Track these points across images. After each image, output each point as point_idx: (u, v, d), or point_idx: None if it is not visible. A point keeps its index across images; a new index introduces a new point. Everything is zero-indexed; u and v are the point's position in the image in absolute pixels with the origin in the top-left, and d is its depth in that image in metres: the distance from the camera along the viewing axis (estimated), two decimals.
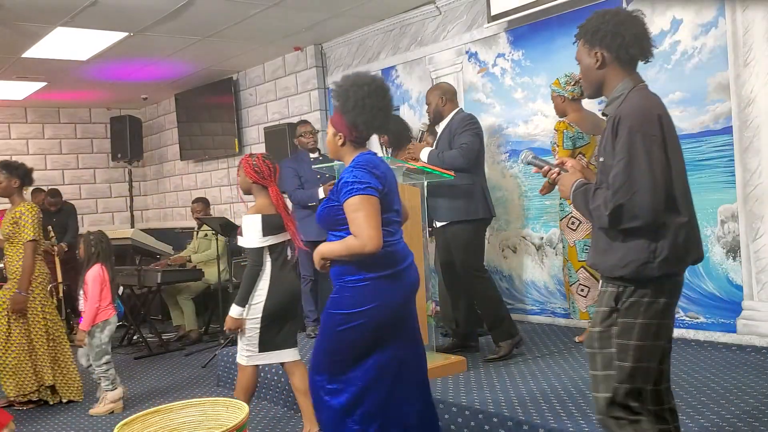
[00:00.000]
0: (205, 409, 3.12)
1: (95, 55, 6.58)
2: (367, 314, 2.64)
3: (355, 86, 2.73)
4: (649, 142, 2.03)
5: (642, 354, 2.07)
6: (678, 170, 2.08)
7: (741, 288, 4.07)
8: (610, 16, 2.17)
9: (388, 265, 2.67)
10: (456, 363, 3.94)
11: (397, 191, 2.82)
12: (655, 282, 2.05)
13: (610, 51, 2.16)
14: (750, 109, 3.96)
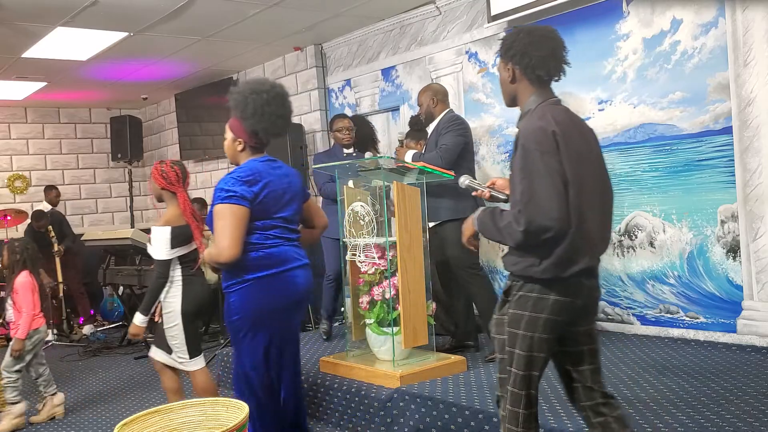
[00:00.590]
0: (205, 409, 3.11)
1: (95, 55, 6.58)
2: (252, 316, 2.80)
3: (254, 93, 2.81)
4: (547, 157, 2.13)
5: (531, 344, 2.20)
6: (576, 182, 2.16)
7: (741, 288, 4.07)
8: (523, 35, 2.28)
9: (263, 266, 2.80)
10: (456, 363, 3.95)
11: (296, 198, 2.94)
12: (542, 281, 2.18)
13: (520, 68, 2.29)
14: (750, 109, 3.96)
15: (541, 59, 2.26)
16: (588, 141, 2.30)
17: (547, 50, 2.27)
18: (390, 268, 3.89)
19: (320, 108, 6.96)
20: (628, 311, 4.64)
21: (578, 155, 2.19)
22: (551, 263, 2.16)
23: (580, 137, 2.26)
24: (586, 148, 2.26)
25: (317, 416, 4.06)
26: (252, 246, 2.80)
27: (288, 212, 2.90)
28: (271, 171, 2.88)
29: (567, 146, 2.17)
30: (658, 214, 4.44)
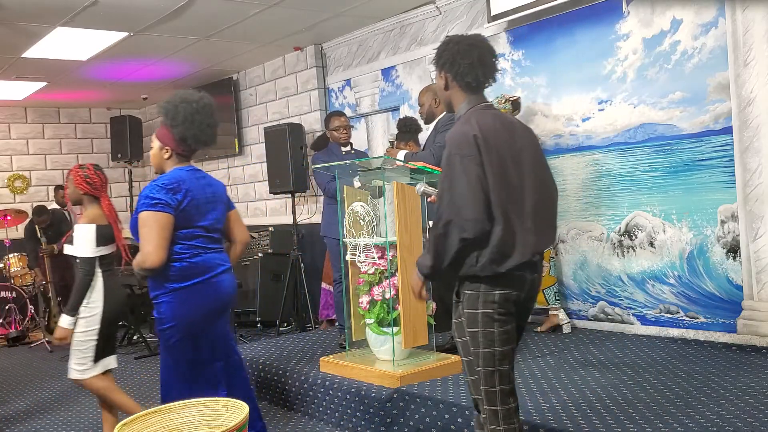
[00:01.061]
0: (205, 409, 3.11)
1: (95, 55, 6.58)
2: (182, 324, 2.85)
3: (184, 102, 2.91)
4: (466, 161, 2.25)
5: (492, 340, 2.30)
6: (500, 183, 2.28)
7: (741, 288, 4.07)
8: (452, 45, 2.42)
9: (188, 276, 2.86)
10: (456, 363, 3.94)
11: (219, 208, 3.01)
12: (485, 278, 2.30)
13: (451, 75, 2.43)
14: (750, 109, 3.96)
15: (469, 66, 2.38)
16: (519, 144, 2.39)
17: (473, 58, 2.38)
18: (390, 268, 3.90)
19: (320, 108, 6.96)
20: (628, 311, 4.64)
21: (503, 158, 2.31)
22: (487, 260, 2.28)
23: (509, 140, 2.36)
24: (515, 150, 2.36)
25: (317, 416, 4.06)
26: (176, 256, 2.86)
27: (209, 221, 2.98)
28: (194, 180, 2.95)
29: (489, 149, 2.28)
30: (658, 214, 4.44)
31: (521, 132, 2.44)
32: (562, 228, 5.00)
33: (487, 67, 2.41)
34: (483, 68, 2.40)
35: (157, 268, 2.80)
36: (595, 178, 4.78)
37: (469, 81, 2.41)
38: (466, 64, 2.38)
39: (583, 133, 4.82)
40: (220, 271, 2.99)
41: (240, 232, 3.22)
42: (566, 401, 3.26)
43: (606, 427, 2.86)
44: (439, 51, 2.47)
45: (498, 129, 2.35)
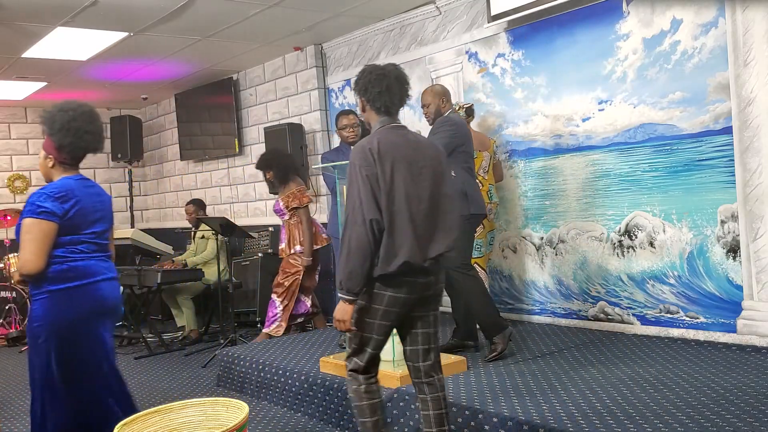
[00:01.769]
0: (205, 409, 3.12)
1: (95, 55, 6.58)
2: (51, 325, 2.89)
3: (61, 111, 2.97)
4: (363, 170, 2.64)
5: (372, 329, 2.73)
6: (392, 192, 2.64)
7: (741, 288, 4.07)
8: (366, 74, 2.82)
9: (66, 279, 2.91)
10: (456, 363, 3.94)
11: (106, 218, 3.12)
12: (378, 279, 2.67)
13: (365, 100, 2.83)
14: (750, 109, 3.96)
15: (378, 94, 2.77)
16: (420, 160, 2.75)
17: (382, 86, 2.77)
18: None
19: (320, 108, 6.96)
20: (628, 311, 4.64)
21: (397, 170, 2.66)
22: (379, 262, 2.63)
23: (410, 156, 2.72)
24: (415, 165, 2.72)
25: (317, 416, 4.06)
26: (57, 259, 2.91)
27: (97, 228, 3.06)
28: (83, 189, 3.03)
29: (384, 162, 2.65)
30: (658, 214, 4.44)
31: (425, 150, 2.79)
32: (562, 228, 5.00)
33: (393, 95, 2.79)
34: (390, 96, 2.78)
35: (35, 275, 2.87)
36: (595, 178, 4.78)
37: (379, 106, 2.80)
38: (376, 92, 2.77)
39: (583, 133, 4.82)
40: (101, 279, 3.04)
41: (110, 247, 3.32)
42: (566, 401, 3.26)
43: (606, 427, 2.86)
44: (356, 79, 2.86)
45: (399, 145, 2.72)
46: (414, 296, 2.71)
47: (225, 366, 4.93)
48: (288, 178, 5.70)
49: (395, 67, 2.83)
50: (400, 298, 2.68)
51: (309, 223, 5.60)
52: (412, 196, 2.68)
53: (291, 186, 5.69)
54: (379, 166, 2.64)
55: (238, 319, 6.86)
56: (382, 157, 2.66)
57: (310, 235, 5.58)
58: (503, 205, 5.35)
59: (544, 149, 5.08)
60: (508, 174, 5.31)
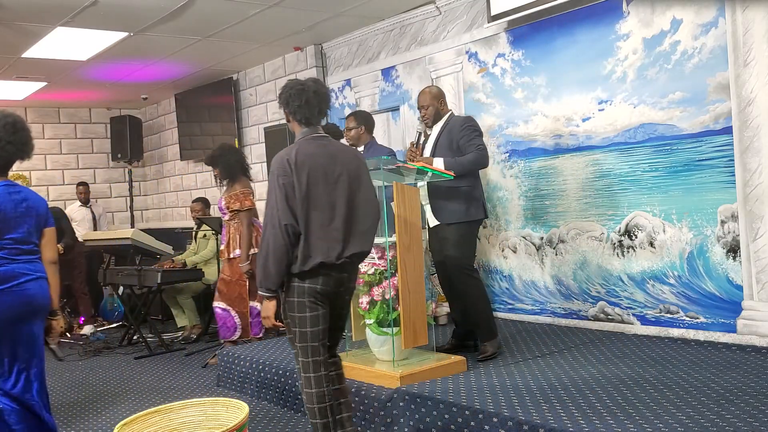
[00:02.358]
0: (205, 409, 3.12)
1: (95, 55, 6.58)
2: None
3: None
4: (281, 180, 2.92)
5: (304, 322, 2.96)
6: (307, 198, 2.93)
7: (741, 288, 4.07)
8: (287, 89, 3.08)
9: None
10: (456, 363, 3.95)
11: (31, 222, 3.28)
12: (297, 275, 2.94)
13: (288, 112, 3.09)
14: (750, 109, 3.96)
15: (298, 107, 3.04)
16: (338, 169, 3.01)
17: (302, 100, 3.02)
18: (390, 269, 3.90)
19: None
20: (628, 311, 4.64)
21: (316, 178, 2.95)
22: (298, 261, 2.93)
23: (327, 165, 2.99)
24: (332, 173, 2.99)
25: None
26: None
27: (19, 234, 3.20)
28: (6, 195, 3.22)
29: (300, 171, 2.92)
30: (658, 214, 4.44)
31: (343, 159, 3.06)
32: (562, 228, 5.00)
33: (312, 107, 3.05)
34: (309, 108, 3.04)
35: None
36: (595, 178, 4.78)
37: (299, 118, 3.07)
38: (296, 105, 3.04)
39: (583, 133, 4.82)
40: (24, 280, 3.17)
41: (47, 251, 3.41)
42: (566, 401, 3.26)
43: (606, 427, 2.86)
44: (279, 93, 3.13)
45: (317, 156, 2.99)
46: (329, 289, 3.00)
47: (225, 366, 4.93)
48: (235, 177, 5.36)
49: (315, 82, 3.09)
50: (317, 289, 2.97)
51: (249, 227, 5.22)
52: (327, 202, 2.97)
53: (236, 187, 5.32)
54: (295, 175, 2.92)
55: None
56: (299, 167, 2.93)
57: (248, 241, 5.19)
58: (503, 205, 5.35)
59: (544, 149, 5.08)
60: (508, 174, 5.31)
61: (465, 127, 4.18)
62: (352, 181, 3.03)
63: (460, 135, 4.16)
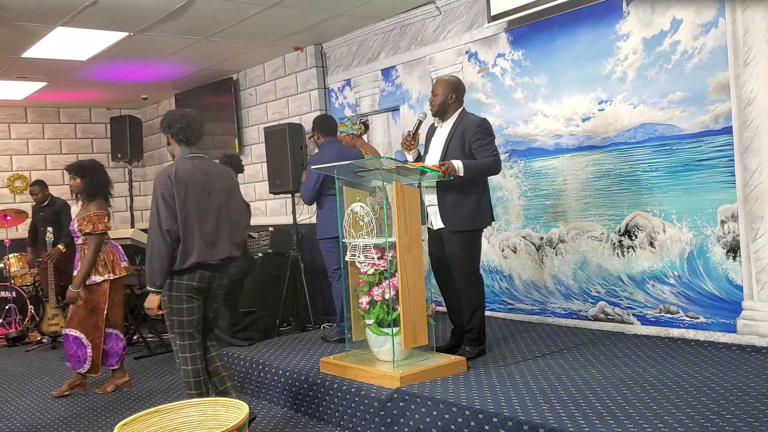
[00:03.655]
0: (205, 409, 3.12)
1: (95, 55, 6.58)
2: None
3: None
4: (164, 193, 3.48)
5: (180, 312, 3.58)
6: (184, 209, 3.49)
7: (741, 288, 4.07)
8: (168, 115, 3.72)
9: None
10: (456, 363, 3.95)
11: None
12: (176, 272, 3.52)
13: (169, 135, 3.69)
14: (750, 109, 3.96)
15: (179, 129, 3.65)
16: (212, 183, 3.62)
17: (183, 123, 3.65)
18: (390, 269, 3.90)
19: (320, 108, 6.96)
20: (628, 311, 4.64)
21: (193, 192, 3.53)
22: (177, 260, 3.49)
23: (203, 180, 3.59)
24: (206, 187, 3.59)
25: (317, 416, 4.06)
26: None
27: None
28: None
29: (179, 185, 3.49)
30: (658, 214, 4.44)
31: (216, 175, 3.68)
32: (562, 228, 5.01)
33: (192, 129, 3.68)
34: (190, 130, 3.66)
35: None
36: (595, 178, 4.78)
37: (181, 138, 3.67)
38: (178, 127, 3.64)
39: (583, 133, 4.82)
40: None
41: None
42: (566, 401, 3.26)
43: (606, 427, 2.86)
44: (162, 120, 3.72)
45: (193, 172, 3.57)
46: (203, 285, 3.60)
47: (225, 366, 4.92)
48: (93, 197, 4.94)
49: (192, 111, 3.83)
50: (193, 285, 3.56)
51: (95, 252, 4.82)
52: (201, 211, 3.54)
53: (90, 207, 4.90)
54: (175, 188, 3.48)
55: None
56: (178, 182, 3.50)
57: (88, 267, 4.80)
58: (503, 205, 5.35)
59: (544, 149, 5.08)
60: (508, 174, 5.31)
61: (479, 131, 4.10)
62: (223, 195, 3.66)
63: (474, 138, 4.08)
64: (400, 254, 3.80)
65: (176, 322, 3.58)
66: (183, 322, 3.59)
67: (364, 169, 4.06)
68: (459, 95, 4.25)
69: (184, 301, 3.56)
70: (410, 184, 4.02)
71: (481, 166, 4.03)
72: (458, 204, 4.11)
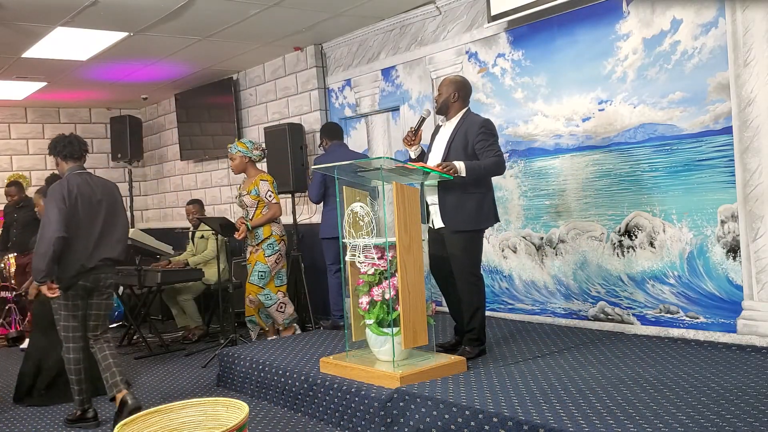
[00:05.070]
0: (205, 409, 3.12)
1: (95, 55, 6.58)
2: None
3: None
4: (57, 203, 3.99)
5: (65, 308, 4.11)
6: (76, 218, 4.04)
7: (741, 288, 4.07)
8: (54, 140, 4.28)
9: None
10: (456, 363, 3.95)
11: None
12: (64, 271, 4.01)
13: (54, 155, 4.27)
14: (750, 109, 3.96)
15: (63, 147, 4.23)
16: (95, 195, 4.17)
17: (66, 142, 4.23)
18: (390, 269, 3.90)
19: (320, 108, 6.96)
20: (628, 311, 4.64)
21: (81, 203, 4.07)
22: (65, 262, 3.99)
23: (89, 193, 4.14)
24: (93, 199, 4.14)
25: (317, 416, 4.06)
26: None
27: None
28: None
29: (70, 197, 4.04)
30: (658, 214, 4.44)
31: (101, 189, 4.23)
32: (562, 228, 5.01)
33: (75, 148, 4.25)
34: (72, 148, 4.24)
35: None
36: (595, 178, 4.78)
37: (66, 155, 4.23)
38: (62, 146, 4.23)
39: (583, 133, 4.82)
40: None
41: None
42: (566, 401, 3.26)
43: (606, 427, 2.86)
44: (49, 146, 4.27)
45: (82, 185, 4.13)
46: (88, 284, 4.10)
47: (225, 366, 4.93)
48: None
49: (74, 134, 4.36)
50: (78, 284, 4.07)
51: None
52: (88, 220, 4.09)
53: None
54: (67, 199, 4.02)
55: (238, 319, 6.86)
56: (70, 193, 4.05)
57: None
58: (503, 205, 5.35)
59: (544, 149, 5.08)
60: (508, 174, 5.31)
61: (482, 132, 4.07)
62: (107, 206, 4.20)
63: (477, 139, 4.07)
64: (400, 254, 3.81)
65: (63, 316, 4.12)
66: (69, 317, 4.11)
67: (364, 169, 4.06)
68: (462, 94, 4.24)
69: (69, 298, 4.07)
70: (410, 184, 4.02)
71: (484, 167, 4.02)
72: (460, 204, 4.11)
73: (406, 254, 3.83)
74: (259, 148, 5.59)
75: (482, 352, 4.27)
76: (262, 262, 5.39)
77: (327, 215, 5.78)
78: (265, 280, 5.40)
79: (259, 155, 5.58)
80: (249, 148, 5.52)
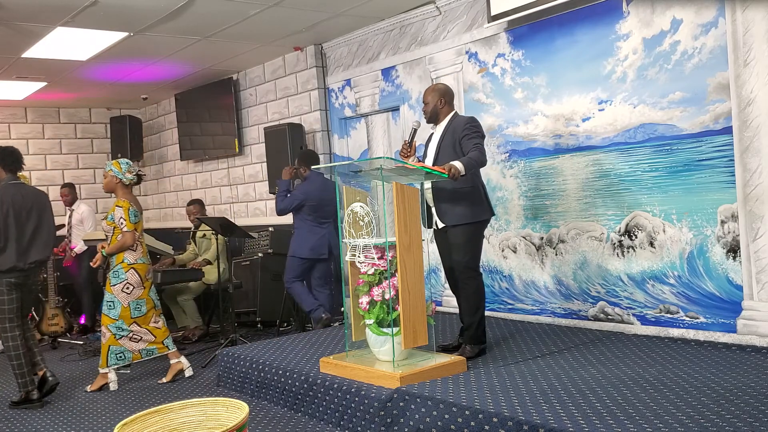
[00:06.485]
0: (205, 409, 3.12)
1: (95, 55, 6.58)
2: None
3: None
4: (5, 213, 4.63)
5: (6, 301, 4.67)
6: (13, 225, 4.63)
7: (741, 288, 4.07)
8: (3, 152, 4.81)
9: None
10: (456, 363, 3.95)
11: None
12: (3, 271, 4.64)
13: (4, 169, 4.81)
14: (750, 109, 3.96)
15: (12, 161, 4.79)
16: (27, 203, 4.72)
17: (13, 158, 4.81)
18: (390, 269, 3.90)
19: (320, 108, 6.96)
20: (628, 311, 4.64)
21: (17, 210, 4.65)
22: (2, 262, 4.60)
23: (18, 201, 4.69)
24: (26, 207, 4.70)
25: (317, 416, 4.06)
26: None
27: None
28: None
29: (4, 205, 4.59)
30: (658, 214, 4.44)
31: (33, 198, 4.79)
32: (562, 228, 5.01)
33: (16, 161, 4.81)
34: (13, 160, 4.79)
35: None
36: (595, 178, 4.78)
37: (10, 167, 4.77)
38: (10, 160, 4.77)
39: (583, 133, 4.82)
40: None
41: None
42: (566, 401, 3.26)
43: (606, 427, 2.86)
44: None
45: (15, 194, 4.69)
46: (20, 281, 4.68)
47: (225, 366, 4.93)
48: None
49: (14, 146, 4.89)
50: (12, 281, 4.65)
51: None
52: (21, 225, 4.64)
53: None
54: (9, 209, 4.60)
55: (238, 319, 6.87)
56: (4, 203, 4.62)
57: None
58: (503, 205, 5.35)
59: (544, 149, 5.08)
60: (508, 174, 5.31)
61: (467, 127, 4.18)
62: (38, 212, 4.76)
63: (462, 134, 4.16)
64: (400, 254, 3.81)
65: (2, 309, 4.66)
66: (5, 310, 4.66)
67: (363, 169, 4.06)
68: (447, 99, 4.36)
69: (5, 293, 4.64)
70: (410, 184, 4.02)
71: (475, 161, 4.08)
72: (453, 200, 4.18)
73: (406, 254, 3.83)
74: (132, 172, 5.13)
75: (482, 352, 4.27)
76: (108, 291, 5.00)
77: (301, 236, 5.88)
78: (116, 310, 4.96)
79: (131, 179, 5.11)
80: (122, 169, 5.08)
